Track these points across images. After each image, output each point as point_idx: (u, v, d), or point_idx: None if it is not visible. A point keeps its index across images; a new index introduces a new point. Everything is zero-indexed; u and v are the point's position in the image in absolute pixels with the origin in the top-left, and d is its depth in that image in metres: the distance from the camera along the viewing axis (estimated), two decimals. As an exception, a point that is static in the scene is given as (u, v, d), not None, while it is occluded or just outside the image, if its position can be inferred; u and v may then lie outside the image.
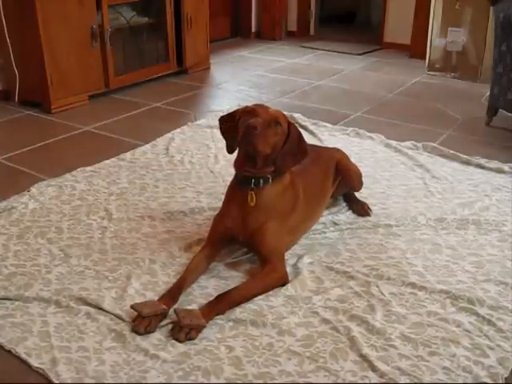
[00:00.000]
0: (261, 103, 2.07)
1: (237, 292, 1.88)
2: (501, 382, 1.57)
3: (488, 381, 1.57)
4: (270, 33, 6.32)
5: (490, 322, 1.79)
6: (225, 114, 2.17)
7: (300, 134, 2.07)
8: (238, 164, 2.05)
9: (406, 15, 5.47)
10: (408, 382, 1.57)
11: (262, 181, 2.01)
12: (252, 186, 2.00)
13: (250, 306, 1.86)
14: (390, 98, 4.28)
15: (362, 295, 1.93)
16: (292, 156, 2.01)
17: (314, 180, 2.29)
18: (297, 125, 3.48)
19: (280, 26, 6.34)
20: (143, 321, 1.74)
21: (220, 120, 2.11)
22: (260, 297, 1.90)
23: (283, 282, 1.98)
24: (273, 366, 1.63)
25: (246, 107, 2.00)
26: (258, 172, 2.00)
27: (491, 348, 1.69)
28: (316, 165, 2.33)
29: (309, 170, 2.25)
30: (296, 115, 3.66)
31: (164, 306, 1.78)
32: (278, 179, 2.05)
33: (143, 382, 1.57)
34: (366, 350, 1.67)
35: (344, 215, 2.48)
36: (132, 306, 1.78)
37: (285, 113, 2.06)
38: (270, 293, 1.93)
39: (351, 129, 3.51)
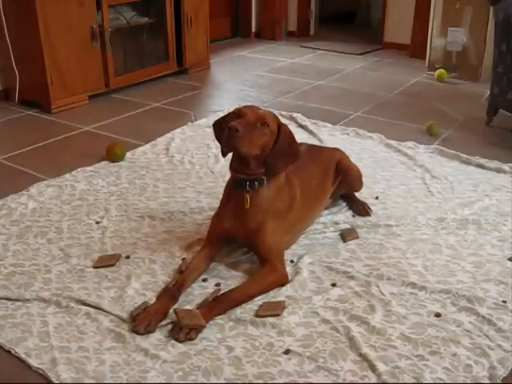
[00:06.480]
0: (251, 104, 2.04)
1: (237, 292, 1.88)
2: (500, 381, 1.57)
3: (488, 381, 1.57)
4: (269, 33, 6.32)
5: (490, 322, 1.79)
6: (217, 118, 2.15)
7: (291, 135, 2.03)
8: (232, 167, 2.04)
9: (406, 15, 5.47)
10: (408, 381, 1.57)
11: (256, 183, 2.00)
12: (247, 188, 1.99)
13: (250, 306, 1.86)
14: (390, 97, 4.28)
15: (362, 295, 1.93)
16: (283, 157, 1.98)
17: (313, 179, 2.29)
18: (295, 125, 3.54)
19: (280, 26, 6.34)
20: (143, 320, 1.74)
21: (213, 125, 2.10)
22: (260, 297, 1.90)
23: (283, 281, 1.98)
24: (273, 365, 1.63)
25: (235, 109, 1.99)
26: (251, 174, 1.98)
27: (491, 348, 1.69)
28: (315, 164, 2.33)
29: (307, 168, 2.26)
30: (296, 115, 3.65)
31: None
32: (273, 180, 2.03)
33: (143, 381, 1.57)
34: (366, 350, 1.67)
35: (344, 215, 2.48)
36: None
37: (284, 113, 2.05)
38: (270, 293, 1.93)
39: (351, 129, 3.50)
